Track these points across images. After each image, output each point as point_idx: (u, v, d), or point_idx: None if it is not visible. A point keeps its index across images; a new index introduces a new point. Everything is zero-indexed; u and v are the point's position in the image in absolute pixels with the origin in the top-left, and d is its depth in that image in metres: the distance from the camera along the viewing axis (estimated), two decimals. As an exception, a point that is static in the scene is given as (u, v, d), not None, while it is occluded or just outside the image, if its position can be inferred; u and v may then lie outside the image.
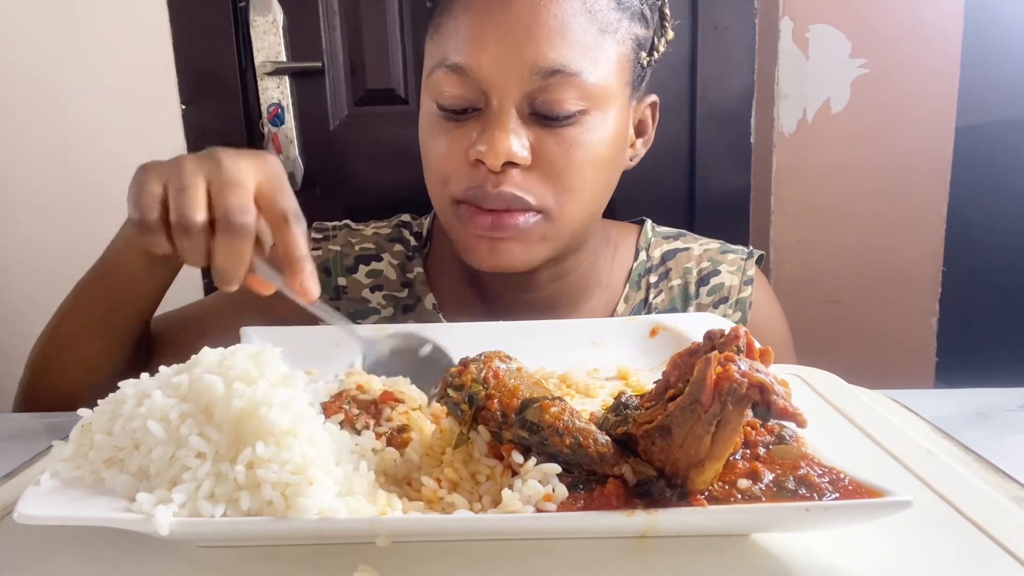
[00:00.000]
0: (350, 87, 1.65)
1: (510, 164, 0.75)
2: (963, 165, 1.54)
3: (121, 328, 0.80)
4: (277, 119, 1.63)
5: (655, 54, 0.85)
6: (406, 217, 1.01)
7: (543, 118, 0.75)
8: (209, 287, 1.00)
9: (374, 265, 0.96)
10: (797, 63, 1.53)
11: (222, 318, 0.92)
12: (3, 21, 1.61)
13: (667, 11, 0.86)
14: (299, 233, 0.61)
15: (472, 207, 0.78)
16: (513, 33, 0.73)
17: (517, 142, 0.74)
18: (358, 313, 0.95)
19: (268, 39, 1.60)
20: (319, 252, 0.96)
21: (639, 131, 0.88)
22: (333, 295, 0.95)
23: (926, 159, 1.54)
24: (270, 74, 1.62)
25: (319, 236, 0.98)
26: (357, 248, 0.97)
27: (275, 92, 1.63)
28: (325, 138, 1.66)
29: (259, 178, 0.61)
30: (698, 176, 1.64)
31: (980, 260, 1.66)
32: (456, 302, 0.94)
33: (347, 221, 1.00)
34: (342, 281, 0.95)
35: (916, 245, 1.57)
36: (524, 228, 0.77)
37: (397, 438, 0.51)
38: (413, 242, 0.97)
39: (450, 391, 0.49)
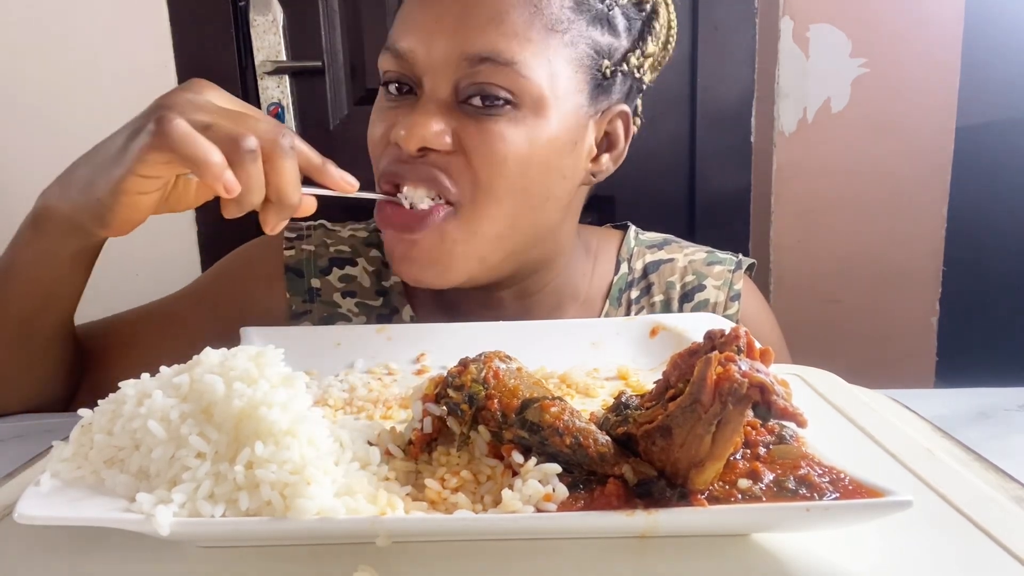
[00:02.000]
0: (350, 87, 1.65)
1: (428, 150, 0.73)
2: (963, 165, 1.55)
3: (44, 336, 0.76)
4: (277, 118, 1.63)
5: (625, 65, 0.79)
6: None
7: (471, 107, 0.73)
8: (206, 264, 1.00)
9: (348, 270, 0.93)
10: (797, 63, 1.53)
11: (163, 324, 0.90)
12: (3, 21, 1.61)
13: (658, 24, 0.81)
14: (301, 141, 0.61)
15: (390, 205, 0.75)
16: (448, 18, 0.72)
17: (436, 126, 0.72)
18: (330, 318, 0.91)
19: (268, 39, 1.60)
20: (292, 252, 0.92)
21: (608, 145, 0.82)
22: (306, 297, 0.91)
23: (926, 159, 1.54)
24: (270, 73, 1.62)
25: (292, 235, 0.93)
26: (332, 250, 0.93)
27: (275, 92, 1.63)
28: (325, 138, 1.66)
29: (229, 102, 0.61)
30: (698, 176, 1.64)
31: (980, 260, 1.66)
32: (431, 316, 0.91)
33: (322, 221, 0.96)
34: (315, 283, 0.92)
35: (916, 245, 1.58)
36: (436, 226, 0.73)
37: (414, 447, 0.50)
38: None
39: (450, 391, 0.49)
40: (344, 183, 0.63)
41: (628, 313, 0.92)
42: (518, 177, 0.74)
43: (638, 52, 0.80)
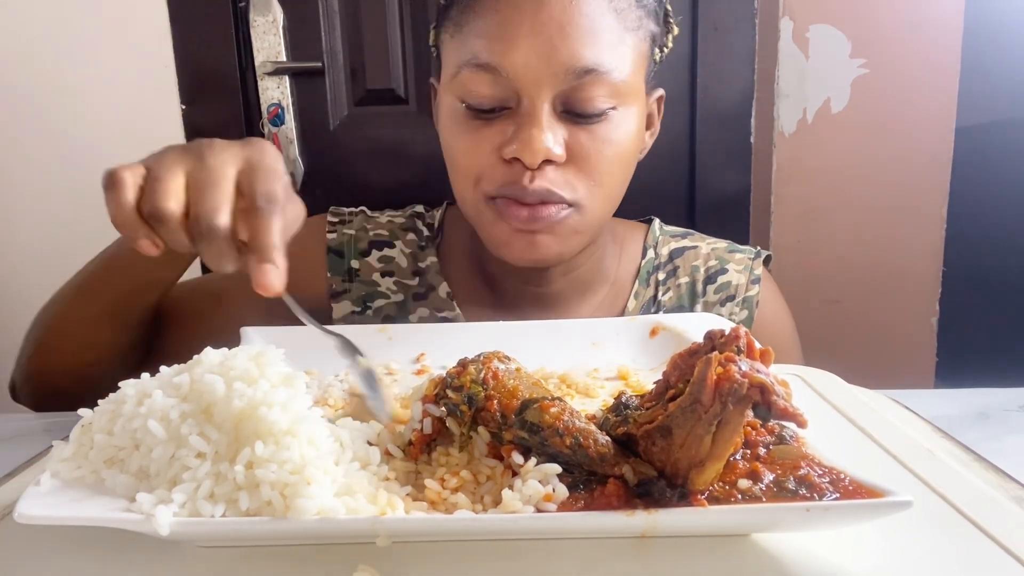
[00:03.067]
0: (350, 87, 1.65)
1: (546, 161, 0.76)
2: (963, 165, 1.55)
3: (132, 319, 0.81)
4: (277, 119, 1.63)
5: (664, 50, 0.86)
6: (419, 208, 1.02)
7: (575, 115, 0.77)
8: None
9: (387, 251, 0.97)
10: (797, 63, 1.53)
11: (223, 297, 0.93)
12: (3, 21, 1.61)
13: (669, 7, 0.88)
14: (268, 220, 0.56)
15: (508, 201, 0.78)
16: (546, 32, 0.74)
17: (553, 139, 0.75)
18: (368, 296, 0.96)
19: (268, 39, 1.60)
20: (334, 235, 0.97)
21: (647, 124, 0.90)
22: (345, 277, 0.96)
23: (926, 159, 1.54)
24: (270, 74, 1.62)
25: (335, 220, 0.99)
26: (371, 234, 0.98)
27: (275, 92, 1.63)
28: (325, 138, 1.66)
29: (241, 166, 0.58)
30: (698, 176, 1.64)
31: (980, 260, 1.66)
32: (468, 292, 0.96)
33: (363, 208, 1.02)
34: (355, 264, 0.96)
35: (916, 245, 1.57)
36: (557, 220, 0.79)
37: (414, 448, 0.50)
38: (426, 232, 0.99)
39: (449, 392, 0.49)
40: (259, 280, 0.55)
41: (656, 293, 0.97)
42: (620, 170, 0.82)
43: (670, 36, 0.87)
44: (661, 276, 0.98)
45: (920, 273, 1.59)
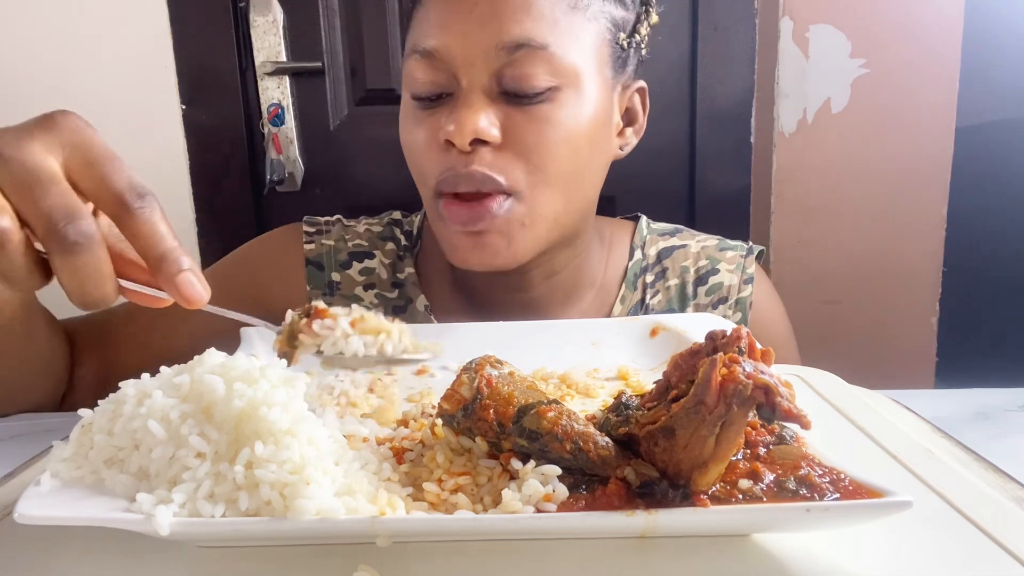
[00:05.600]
0: (350, 87, 1.65)
1: (480, 143, 0.74)
2: (963, 165, 1.55)
3: (19, 354, 0.74)
4: (277, 119, 1.63)
5: (636, 36, 0.83)
6: (397, 215, 0.99)
7: (513, 96, 0.74)
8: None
9: (367, 263, 0.95)
10: (797, 63, 1.53)
11: (166, 316, 0.87)
12: (3, 21, 1.61)
13: None
14: (149, 217, 0.44)
15: (448, 199, 0.76)
16: (478, 10, 0.73)
17: (485, 119, 0.73)
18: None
19: (268, 39, 1.60)
20: (312, 246, 0.94)
21: (629, 119, 0.86)
22: (326, 291, 0.93)
23: (926, 159, 1.54)
24: (270, 74, 1.62)
25: (311, 230, 0.95)
26: (351, 244, 0.95)
27: (275, 92, 1.63)
28: (325, 138, 1.66)
29: (63, 154, 0.45)
30: (698, 176, 1.65)
31: (980, 260, 1.66)
32: (446, 304, 0.93)
33: (339, 216, 0.98)
34: (335, 277, 0.93)
35: (916, 245, 1.58)
36: (500, 216, 0.75)
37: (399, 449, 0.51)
38: (404, 241, 0.96)
39: (444, 404, 0.49)
40: (183, 294, 0.45)
41: (644, 296, 0.94)
42: (568, 158, 0.76)
43: (645, 23, 0.83)
44: (649, 278, 0.94)
45: (920, 273, 1.59)
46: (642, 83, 0.86)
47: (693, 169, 1.65)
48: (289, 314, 0.52)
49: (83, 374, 0.84)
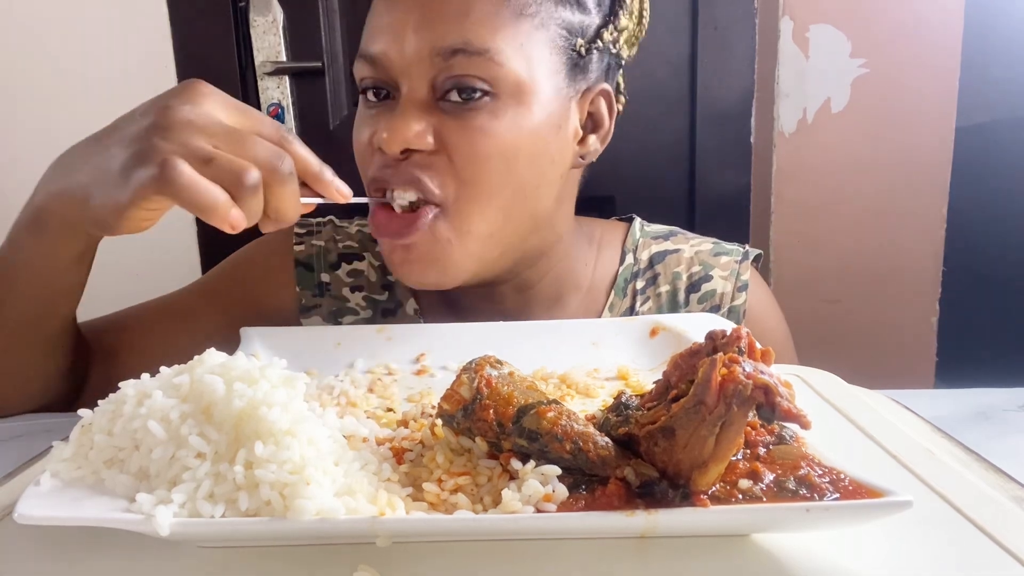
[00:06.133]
0: (350, 87, 1.65)
1: (411, 151, 0.72)
2: (963, 165, 1.55)
3: (49, 336, 0.75)
4: (277, 119, 1.63)
5: (599, 42, 0.78)
6: None
7: (450, 103, 0.72)
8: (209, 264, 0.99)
9: (356, 264, 0.94)
10: (797, 63, 1.53)
11: (169, 319, 0.90)
12: (3, 21, 1.61)
13: None
14: (300, 147, 0.60)
15: (377, 208, 0.75)
16: (414, 15, 0.72)
17: (416, 126, 0.71)
18: (339, 312, 0.92)
19: (268, 39, 1.60)
20: (302, 247, 0.94)
21: (593, 126, 0.81)
22: (316, 292, 0.93)
23: (926, 159, 1.54)
24: (270, 74, 1.62)
25: (302, 231, 0.95)
26: (340, 246, 0.95)
27: (275, 92, 1.63)
28: (325, 138, 1.66)
29: (225, 113, 0.58)
30: (698, 176, 1.65)
31: (980, 260, 1.66)
32: (434, 309, 0.92)
33: (331, 217, 0.98)
34: (325, 277, 0.93)
35: (916, 245, 1.58)
36: (426, 228, 0.73)
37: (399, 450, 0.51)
38: None
39: (443, 404, 0.49)
40: (338, 192, 0.62)
41: (634, 303, 0.91)
42: (504, 170, 0.73)
43: (611, 27, 0.79)
44: (640, 284, 0.92)
45: (920, 273, 1.59)
46: (605, 85, 0.81)
47: (693, 169, 1.65)
48: None
49: (100, 375, 0.85)
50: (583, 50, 0.77)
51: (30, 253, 0.69)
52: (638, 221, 0.97)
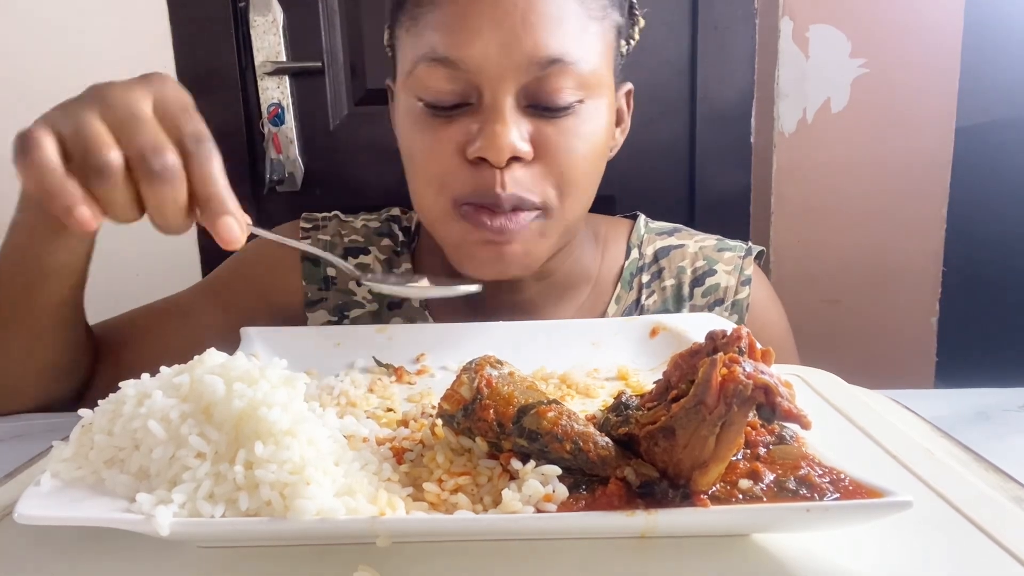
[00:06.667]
0: (350, 87, 1.65)
1: (513, 159, 0.72)
2: (963, 165, 1.55)
3: (42, 316, 0.73)
4: (277, 119, 1.63)
5: (632, 43, 0.84)
6: (395, 211, 0.99)
7: (541, 109, 0.73)
8: (208, 268, 0.99)
9: (362, 258, 0.95)
10: (797, 63, 1.53)
11: (175, 318, 0.90)
12: (3, 21, 1.61)
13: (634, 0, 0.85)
14: (208, 164, 0.52)
15: (476, 208, 0.74)
16: (508, 22, 0.70)
17: (518, 135, 0.71)
18: (344, 305, 0.93)
19: (268, 39, 1.60)
20: (308, 243, 0.94)
21: (617, 120, 0.86)
22: (321, 285, 0.94)
23: (926, 159, 1.54)
24: (270, 74, 1.62)
25: (308, 227, 0.96)
26: (346, 240, 0.96)
27: (275, 92, 1.63)
28: (325, 138, 1.66)
29: (151, 102, 0.53)
30: (698, 176, 1.64)
31: (980, 260, 1.66)
32: (441, 301, 0.92)
33: (336, 212, 0.99)
34: (330, 272, 0.94)
35: (916, 245, 1.57)
36: (526, 227, 0.75)
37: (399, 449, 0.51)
38: (401, 237, 0.96)
39: (444, 404, 0.49)
40: (224, 230, 0.52)
41: (640, 296, 0.93)
42: (591, 169, 0.78)
43: (636, 28, 0.84)
44: (645, 278, 0.94)
45: (920, 273, 1.59)
46: (630, 85, 0.86)
47: (693, 169, 1.65)
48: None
49: (108, 375, 0.85)
50: (624, 51, 0.82)
51: (17, 228, 0.68)
52: (642, 218, 0.99)
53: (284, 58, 1.61)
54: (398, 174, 0.81)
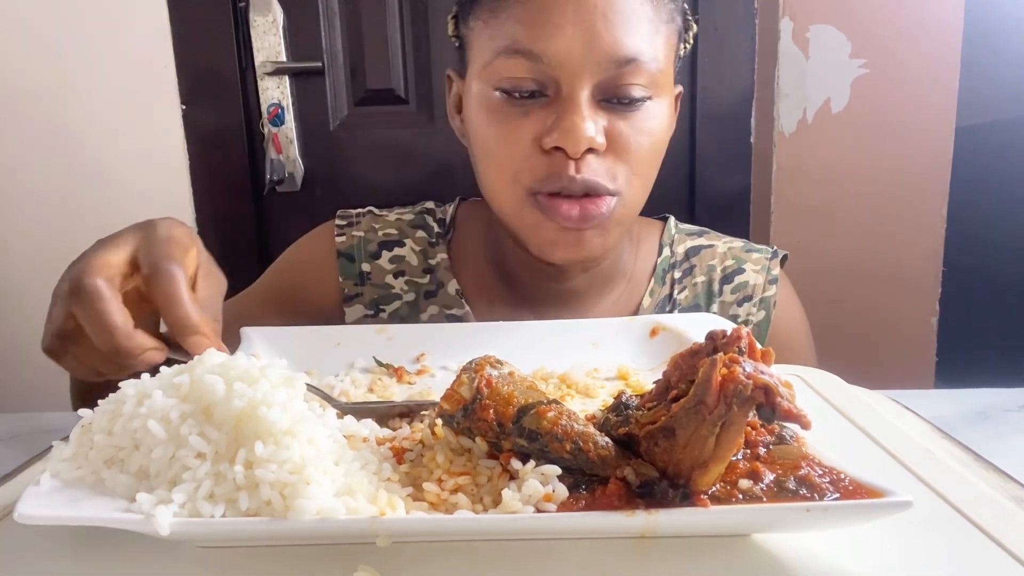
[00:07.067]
0: (350, 87, 1.65)
1: (588, 150, 0.76)
2: (963, 165, 1.55)
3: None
4: (277, 119, 1.63)
5: (687, 46, 0.87)
6: (430, 204, 1.01)
7: (614, 104, 0.77)
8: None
9: (396, 251, 0.97)
10: (797, 63, 1.53)
11: (242, 322, 0.91)
12: (3, 21, 1.61)
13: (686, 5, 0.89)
14: (167, 288, 0.54)
15: (553, 198, 0.77)
16: (589, 20, 0.74)
17: (594, 127, 0.75)
18: (381, 299, 0.95)
19: (268, 39, 1.60)
20: (343, 238, 0.97)
21: None
22: (357, 280, 0.96)
23: (926, 159, 1.54)
24: (270, 74, 1.62)
25: (343, 223, 0.98)
26: (380, 234, 0.97)
27: (275, 92, 1.63)
28: (325, 138, 1.66)
29: (135, 245, 0.56)
30: (698, 176, 1.64)
31: (980, 260, 1.66)
32: (480, 289, 0.95)
33: (370, 208, 1.01)
34: (365, 267, 0.96)
35: (916, 245, 1.57)
36: (606, 214, 0.78)
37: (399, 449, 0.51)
38: (436, 228, 0.98)
39: (444, 404, 0.49)
40: (190, 351, 0.54)
41: (672, 291, 0.96)
42: (655, 161, 0.82)
43: (690, 33, 0.87)
44: (677, 274, 0.97)
45: (920, 273, 1.59)
46: (680, 88, 0.89)
47: (693, 169, 1.65)
48: None
49: None
50: (682, 53, 0.86)
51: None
52: (672, 219, 1.03)
53: (284, 58, 1.61)
54: (398, 174, 0.81)
